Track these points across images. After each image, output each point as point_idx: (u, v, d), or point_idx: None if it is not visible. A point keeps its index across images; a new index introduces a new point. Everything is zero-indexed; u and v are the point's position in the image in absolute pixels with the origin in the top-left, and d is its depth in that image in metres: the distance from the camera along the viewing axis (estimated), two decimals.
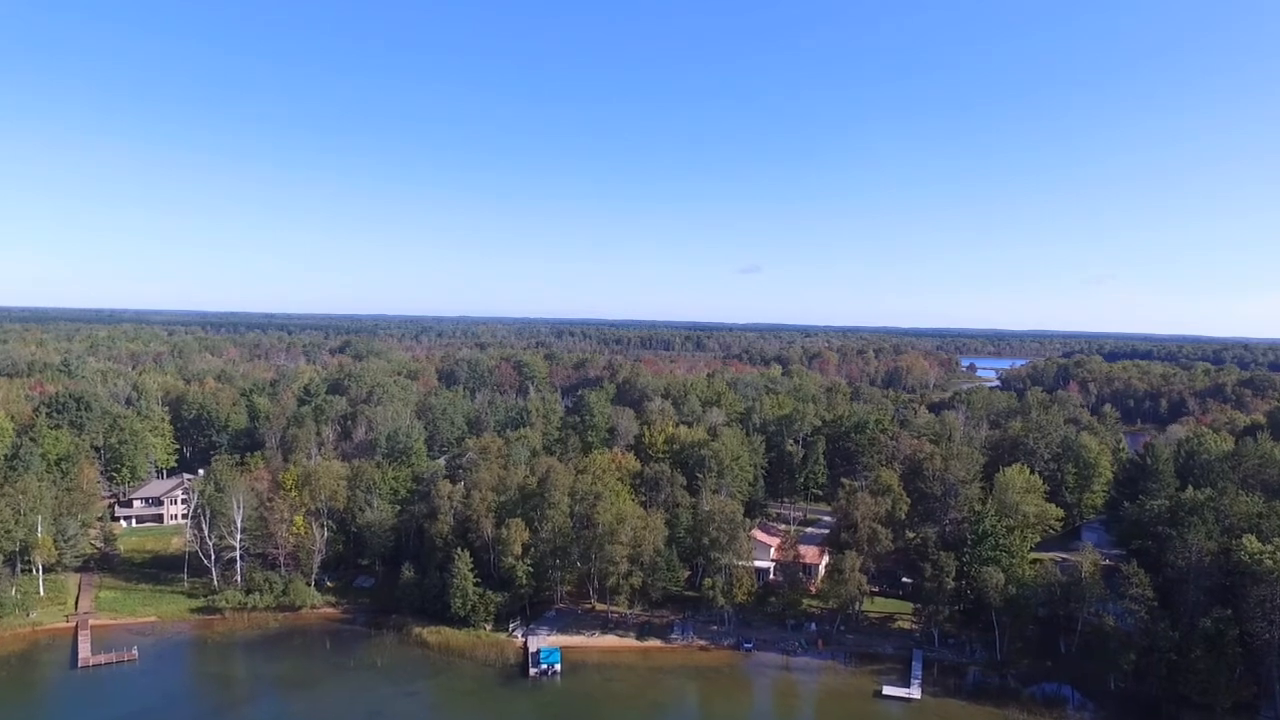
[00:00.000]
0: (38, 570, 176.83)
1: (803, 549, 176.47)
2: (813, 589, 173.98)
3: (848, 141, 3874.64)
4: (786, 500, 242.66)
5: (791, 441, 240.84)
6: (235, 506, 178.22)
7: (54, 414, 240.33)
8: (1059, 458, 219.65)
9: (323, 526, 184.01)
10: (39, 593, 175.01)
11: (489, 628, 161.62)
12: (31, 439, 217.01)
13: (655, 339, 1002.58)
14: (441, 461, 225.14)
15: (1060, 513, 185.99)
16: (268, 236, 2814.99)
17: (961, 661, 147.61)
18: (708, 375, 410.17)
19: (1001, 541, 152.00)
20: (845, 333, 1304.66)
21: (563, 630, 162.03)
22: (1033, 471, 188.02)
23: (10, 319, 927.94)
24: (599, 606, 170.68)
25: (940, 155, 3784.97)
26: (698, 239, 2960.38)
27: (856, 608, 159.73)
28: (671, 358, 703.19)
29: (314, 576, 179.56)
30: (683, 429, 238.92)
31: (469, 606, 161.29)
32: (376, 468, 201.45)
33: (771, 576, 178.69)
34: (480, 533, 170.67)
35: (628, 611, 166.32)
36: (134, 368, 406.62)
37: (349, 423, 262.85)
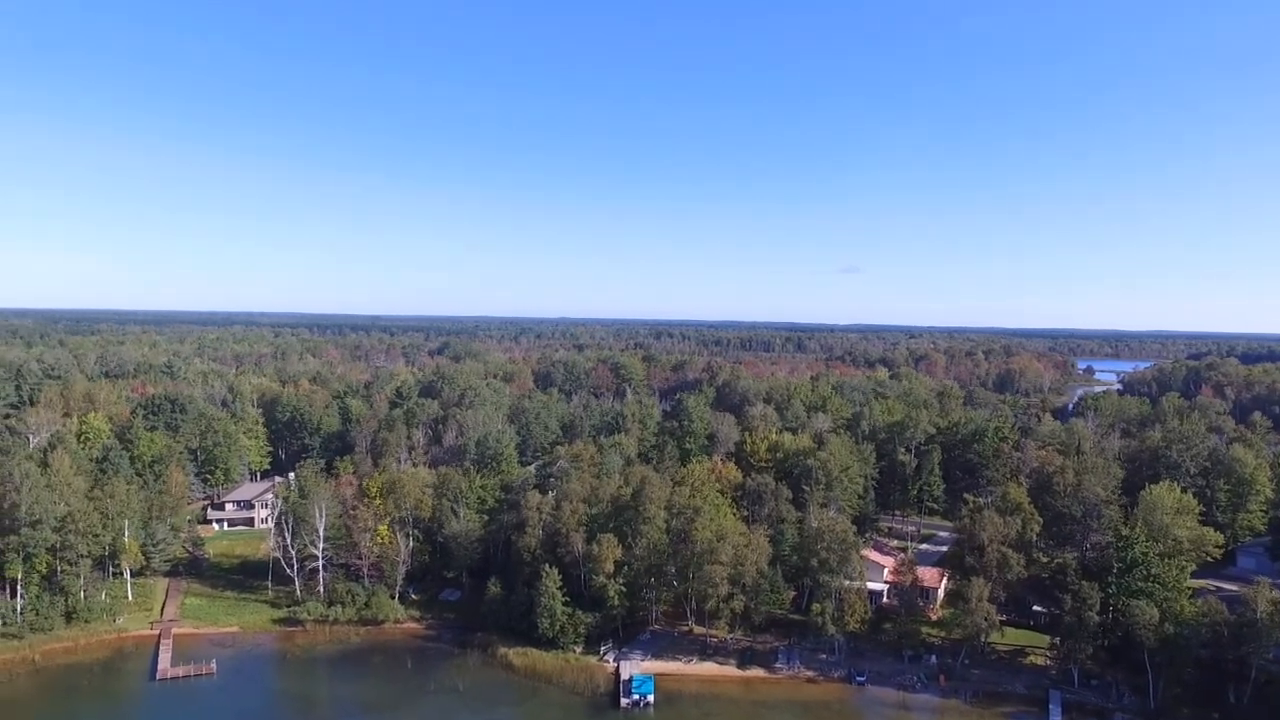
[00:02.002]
0: (126, 575, 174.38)
1: (921, 571, 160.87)
2: (932, 615, 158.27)
3: (950, 138, 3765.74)
4: (898, 513, 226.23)
5: (903, 450, 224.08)
6: (318, 514, 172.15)
7: (150, 415, 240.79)
8: (1207, 472, 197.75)
9: (408, 536, 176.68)
10: (127, 597, 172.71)
11: (578, 650, 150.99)
12: (127, 440, 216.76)
13: (755, 340, 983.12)
14: (532, 469, 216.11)
15: (1220, 538, 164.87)
16: (373, 240, 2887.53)
17: (1107, 706, 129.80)
18: (811, 378, 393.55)
19: (1154, 571, 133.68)
20: (951, 333, 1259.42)
21: (657, 655, 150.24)
22: (1183, 490, 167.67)
23: (134, 321, 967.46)
24: (696, 630, 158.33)
25: (1049, 151, 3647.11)
26: (797, 239, 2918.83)
27: (983, 640, 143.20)
28: (772, 359, 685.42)
29: (398, 589, 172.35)
30: (786, 436, 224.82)
31: (557, 627, 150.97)
32: (464, 475, 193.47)
33: (885, 600, 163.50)
34: (570, 547, 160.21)
35: (728, 636, 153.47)
36: (236, 370, 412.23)
37: (440, 426, 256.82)
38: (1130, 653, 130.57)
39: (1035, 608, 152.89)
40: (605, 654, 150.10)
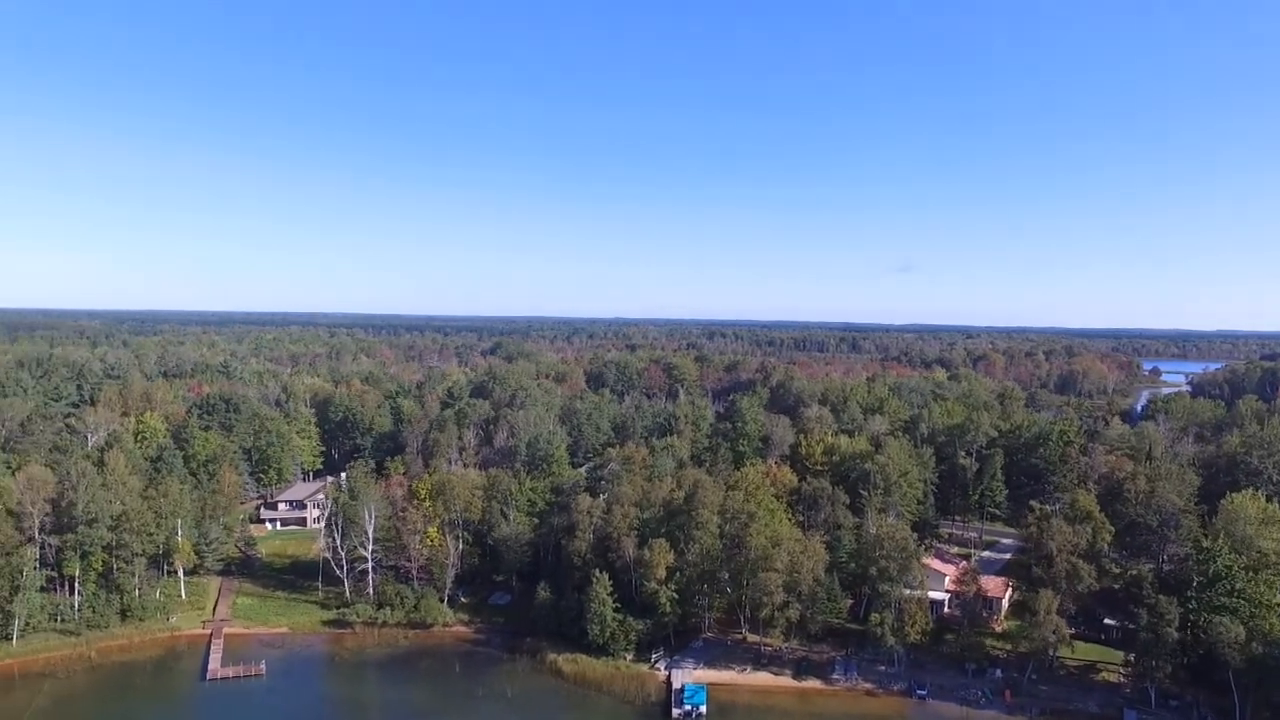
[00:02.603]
0: (180, 573, 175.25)
1: (984, 580, 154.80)
2: (996, 627, 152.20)
3: (1008, 135, 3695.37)
4: (958, 519, 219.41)
5: (964, 454, 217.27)
6: (367, 516, 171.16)
7: (205, 415, 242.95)
8: None
9: (457, 539, 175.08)
10: (180, 596, 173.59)
11: (629, 658, 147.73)
12: (182, 440, 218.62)
13: (809, 340, 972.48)
14: (583, 471, 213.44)
15: None
16: (427, 241, 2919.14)
17: None
18: (867, 379, 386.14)
19: (1239, 585, 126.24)
20: (1010, 333, 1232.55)
21: (710, 664, 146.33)
22: (1268, 499, 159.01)
23: (197, 322, 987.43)
24: (750, 638, 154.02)
25: (1109, 146, 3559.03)
26: (851, 238, 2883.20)
27: (1052, 654, 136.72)
28: (826, 360, 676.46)
29: (447, 592, 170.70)
30: (843, 439, 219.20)
31: (608, 634, 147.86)
32: (514, 477, 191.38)
33: (947, 610, 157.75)
34: (621, 552, 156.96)
35: (783, 646, 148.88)
36: (291, 369, 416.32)
37: (491, 427, 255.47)
38: (1213, 672, 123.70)
39: (1107, 621, 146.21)
40: (656, 662, 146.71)
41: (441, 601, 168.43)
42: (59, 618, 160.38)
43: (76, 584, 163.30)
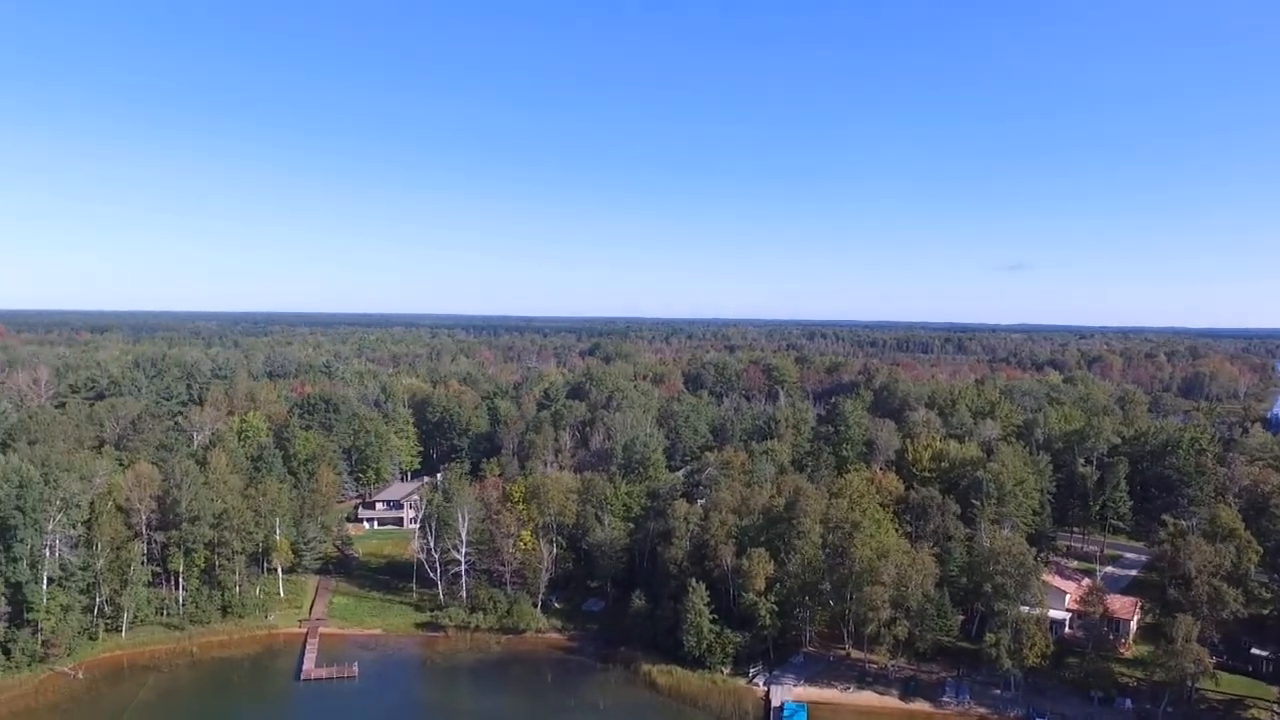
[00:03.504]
0: (279, 572, 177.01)
1: (1110, 600, 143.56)
2: (1124, 651, 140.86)
3: (1122, 128, 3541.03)
4: (1076, 531, 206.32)
5: (1083, 461, 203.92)
6: (461, 518, 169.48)
7: (305, 415, 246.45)
8: None
9: (551, 543, 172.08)
10: (279, 594, 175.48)
11: (726, 671, 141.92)
12: (284, 439, 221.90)
13: (912, 341, 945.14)
14: (680, 475, 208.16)
15: None
16: (528, 242, 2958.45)
17: None
18: (976, 381, 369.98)
19: None
20: (1126, 334, 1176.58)
21: (811, 680, 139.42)
22: None
23: (307, 323, 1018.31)
24: (854, 654, 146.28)
25: (1231, 135, 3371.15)
26: (957, 236, 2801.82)
27: (1191, 685, 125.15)
28: (931, 361, 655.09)
29: (540, 597, 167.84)
30: (952, 444, 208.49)
31: (704, 646, 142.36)
32: (609, 481, 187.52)
33: (1068, 631, 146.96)
34: (718, 561, 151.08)
35: (889, 664, 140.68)
36: (392, 370, 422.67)
37: (587, 429, 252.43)
38: None
39: (1256, 652, 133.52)
40: (754, 677, 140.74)
41: (534, 607, 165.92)
42: (164, 612, 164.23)
43: (180, 580, 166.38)
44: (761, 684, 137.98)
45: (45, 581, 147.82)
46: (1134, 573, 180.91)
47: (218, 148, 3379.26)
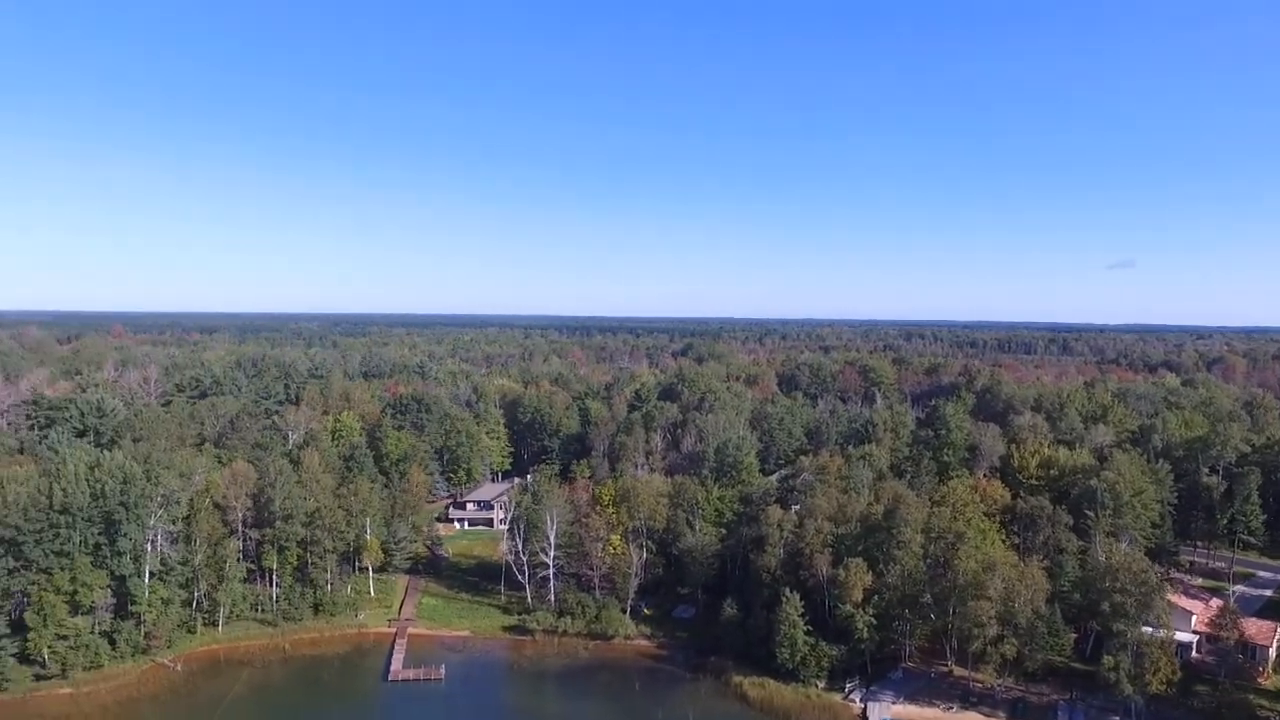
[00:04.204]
0: (369, 571, 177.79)
1: (1245, 623, 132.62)
2: (1262, 680, 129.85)
3: (1239, 116, 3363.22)
4: (1199, 545, 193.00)
5: (1208, 471, 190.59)
6: (550, 521, 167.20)
7: (397, 415, 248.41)
8: None
9: (640, 548, 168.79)
10: (369, 593, 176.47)
11: (821, 686, 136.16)
12: (376, 439, 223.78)
13: (1014, 341, 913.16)
14: (773, 480, 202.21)
15: None
16: (621, 242, 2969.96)
17: None
18: (1085, 384, 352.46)
19: None
20: (1249, 333, 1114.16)
21: (911, 698, 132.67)
22: None
23: (405, 324, 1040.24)
24: (957, 672, 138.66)
25: None
26: (1060, 234, 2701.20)
27: None
28: (1035, 362, 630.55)
29: (629, 603, 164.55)
30: (1061, 450, 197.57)
31: (798, 658, 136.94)
32: (701, 485, 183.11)
33: (1195, 655, 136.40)
34: (814, 570, 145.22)
35: (995, 683, 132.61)
36: (485, 370, 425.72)
37: (679, 431, 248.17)
38: None
39: None
40: (850, 692, 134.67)
41: (623, 612, 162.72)
42: (259, 608, 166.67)
43: (274, 577, 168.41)
44: (858, 700, 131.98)
45: (147, 575, 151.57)
46: (1269, 593, 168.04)
47: (323, 155, 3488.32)
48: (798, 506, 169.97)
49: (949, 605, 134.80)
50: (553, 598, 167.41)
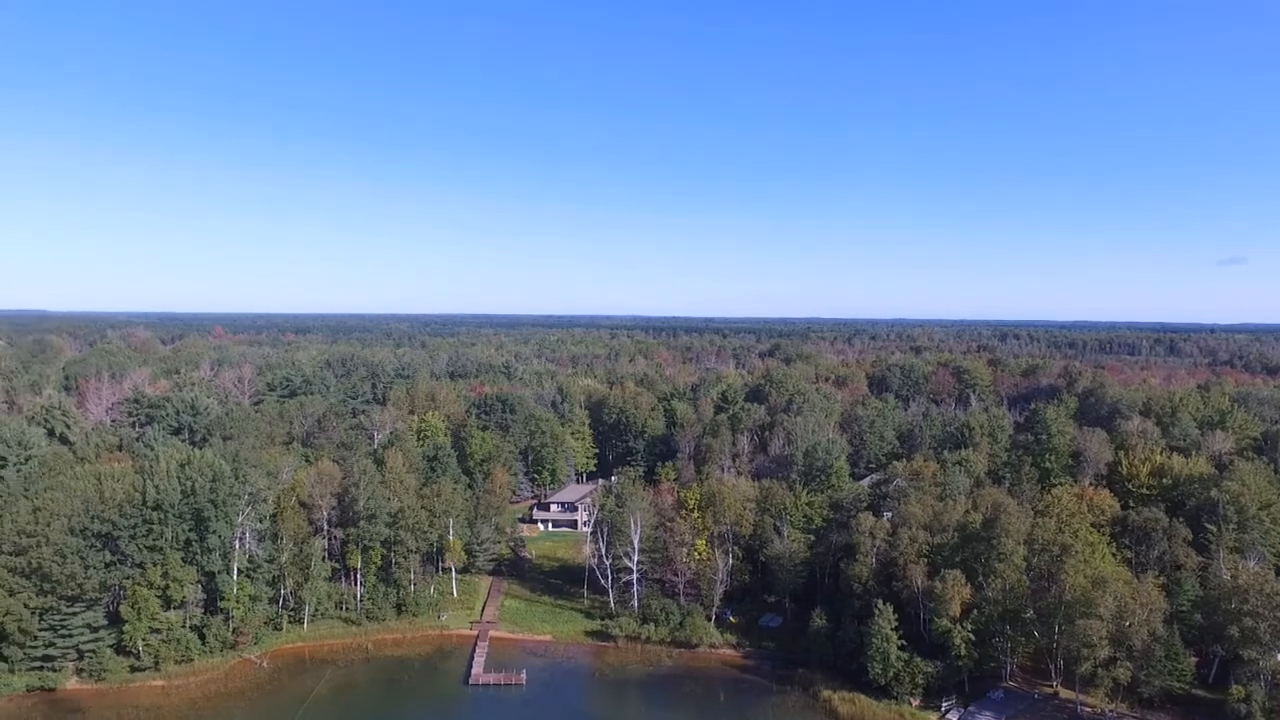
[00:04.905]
0: (452, 572, 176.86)
1: None
2: None
3: None
4: None
5: None
6: (633, 525, 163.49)
7: (482, 415, 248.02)
8: None
9: (726, 554, 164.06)
10: (452, 594, 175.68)
11: (915, 703, 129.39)
12: (461, 439, 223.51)
13: (1116, 342, 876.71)
14: (864, 485, 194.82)
15: None
16: (708, 243, 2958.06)
17: None
18: (1199, 387, 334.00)
19: None
20: None
21: (1011, 719, 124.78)
22: None
23: (491, 325, 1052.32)
24: (1064, 693, 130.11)
25: None
26: (1165, 229, 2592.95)
27: None
28: (1140, 364, 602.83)
29: (714, 610, 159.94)
30: (1175, 458, 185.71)
31: (891, 674, 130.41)
32: (789, 489, 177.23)
33: None
34: (908, 582, 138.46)
35: (1107, 708, 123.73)
36: (570, 370, 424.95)
37: (766, 433, 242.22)
38: None
39: None
40: (947, 711, 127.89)
41: (708, 620, 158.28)
42: (343, 606, 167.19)
43: (358, 576, 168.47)
44: (955, 719, 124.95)
45: (235, 572, 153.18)
46: None
47: (417, 159, 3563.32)
48: (890, 514, 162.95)
49: (1054, 623, 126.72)
50: (636, 603, 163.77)
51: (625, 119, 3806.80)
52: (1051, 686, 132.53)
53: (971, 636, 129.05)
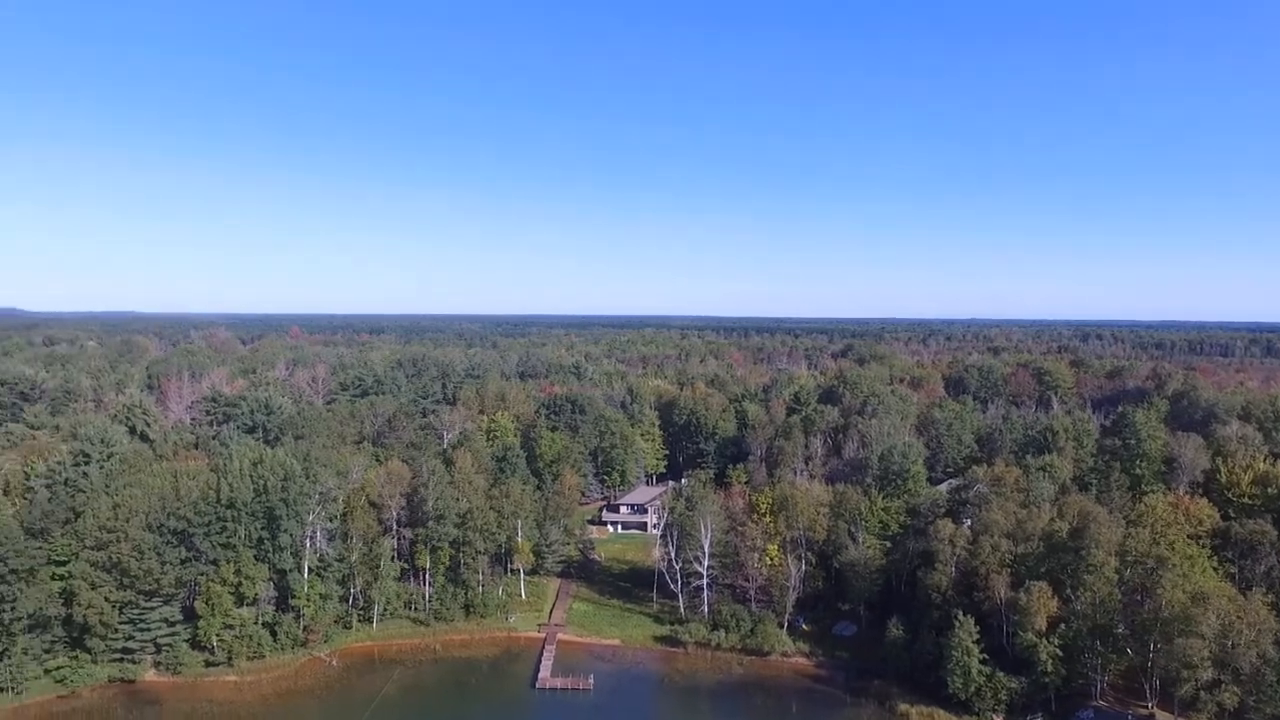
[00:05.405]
0: (520, 573, 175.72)
1: None
2: None
3: None
4: None
5: None
6: (704, 529, 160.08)
7: (551, 416, 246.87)
8: None
9: (799, 559, 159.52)
10: (520, 596, 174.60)
11: None
12: (530, 439, 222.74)
13: (1207, 342, 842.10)
14: (943, 490, 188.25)
15: None
16: (779, 242, 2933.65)
17: None
18: None
19: None
20: None
21: None
22: None
23: (562, 325, 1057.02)
24: (1160, 715, 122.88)
25: None
26: (1256, 220, 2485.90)
27: None
28: (1235, 366, 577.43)
29: (786, 617, 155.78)
30: None
31: (972, 689, 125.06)
32: (864, 494, 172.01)
33: None
34: (990, 592, 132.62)
35: None
36: (640, 371, 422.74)
37: (839, 436, 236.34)
38: None
39: None
40: None
41: (780, 627, 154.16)
42: (412, 606, 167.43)
43: (427, 576, 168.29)
44: None
45: (306, 570, 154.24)
46: None
47: (484, 164, 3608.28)
48: (970, 521, 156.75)
49: (1150, 640, 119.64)
50: (706, 609, 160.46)
51: (695, 119, 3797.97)
52: (1146, 708, 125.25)
53: (1059, 652, 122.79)
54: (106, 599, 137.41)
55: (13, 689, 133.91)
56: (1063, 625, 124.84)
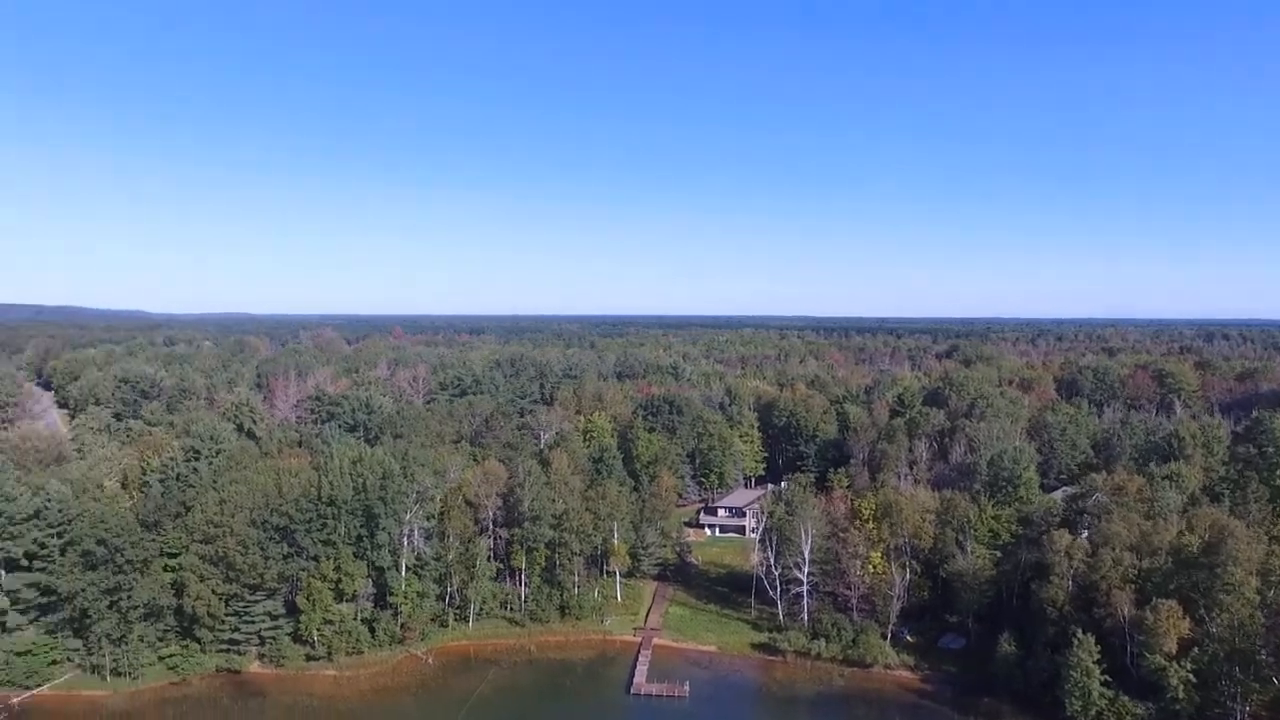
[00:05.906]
0: (616, 575, 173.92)
1: None
2: None
3: None
4: None
5: None
6: (804, 534, 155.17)
7: (649, 416, 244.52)
8: None
9: (904, 568, 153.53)
10: (616, 598, 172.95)
11: None
12: (628, 440, 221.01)
13: None
14: (1058, 498, 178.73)
15: None
16: (875, 240, 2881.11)
17: None
18: None
19: None
20: None
21: None
22: None
23: (659, 325, 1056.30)
24: None
25: None
26: None
27: None
28: None
29: (890, 628, 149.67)
30: None
31: (1093, 712, 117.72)
32: (973, 501, 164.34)
33: None
34: (1112, 610, 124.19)
35: None
36: (739, 371, 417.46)
37: (946, 440, 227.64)
38: None
39: None
40: None
41: (883, 638, 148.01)
42: (507, 606, 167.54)
43: (523, 577, 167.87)
44: None
45: (403, 569, 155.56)
46: None
47: (587, 166, 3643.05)
48: (1088, 532, 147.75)
49: None
50: (806, 617, 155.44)
51: (791, 121, 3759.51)
52: None
53: (1192, 677, 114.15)
54: (214, 591, 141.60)
55: (130, 674, 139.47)
56: (1196, 648, 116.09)
